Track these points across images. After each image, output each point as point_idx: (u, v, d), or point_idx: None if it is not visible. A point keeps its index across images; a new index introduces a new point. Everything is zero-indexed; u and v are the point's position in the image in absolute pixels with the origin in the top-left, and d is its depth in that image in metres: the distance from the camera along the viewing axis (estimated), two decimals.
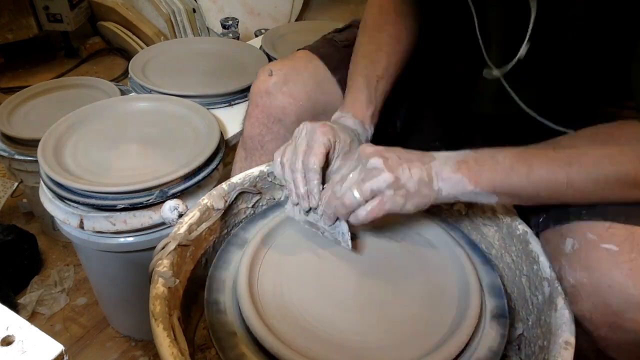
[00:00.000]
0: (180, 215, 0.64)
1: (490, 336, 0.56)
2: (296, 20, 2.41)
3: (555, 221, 0.59)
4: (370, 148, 0.57)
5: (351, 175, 0.57)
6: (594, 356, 0.57)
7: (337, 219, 0.60)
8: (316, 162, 0.59)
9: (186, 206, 0.66)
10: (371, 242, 0.66)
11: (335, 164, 0.62)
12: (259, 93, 0.78)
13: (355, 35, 0.83)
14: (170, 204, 0.65)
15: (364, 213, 0.55)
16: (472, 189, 0.55)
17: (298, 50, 0.84)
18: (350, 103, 0.69)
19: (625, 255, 0.51)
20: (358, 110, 0.68)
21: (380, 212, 0.55)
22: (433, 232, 0.66)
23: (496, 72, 0.63)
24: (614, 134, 0.54)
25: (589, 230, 0.54)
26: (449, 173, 0.55)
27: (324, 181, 0.62)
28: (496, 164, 0.55)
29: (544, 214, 0.62)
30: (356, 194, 0.55)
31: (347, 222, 0.60)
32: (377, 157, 0.55)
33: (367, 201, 0.55)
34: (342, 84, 0.77)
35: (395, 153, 0.56)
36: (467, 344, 0.54)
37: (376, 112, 0.70)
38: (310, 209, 0.63)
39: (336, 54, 0.81)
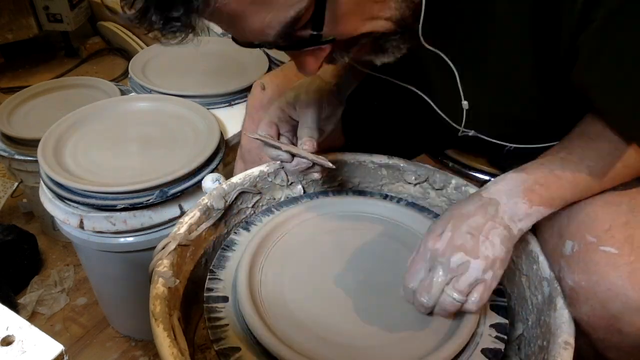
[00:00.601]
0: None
1: (491, 336, 0.56)
2: None
3: None
4: (439, 244, 0.53)
5: (436, 280, 0.52)
6: (593, 357, 0.57)
7: None
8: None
9: (225, 179, 0.69)
10: (371, 242, 0.66)
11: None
12: (254, 108, 0.79)
13: None
14: (212, 176, 0.68)
15: (475, 307, 0.52)
16: (546, 213, 0.55)
17: (289, 61, 0.84)
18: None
19: (625, 257, 0.50)
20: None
21: (489, 295, 0.53)
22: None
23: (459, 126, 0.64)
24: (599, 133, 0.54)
25: (588, 232, 0.53)
26: (526, 211, 0.53)
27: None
28: (559, 179, 0.54)
29: None
30: (455, 296, 0.51)
31: None
32: (457, 253, 0.51)
33: (466, 295, 0.52)
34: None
35: (462, 230, 0.52)
36: (467, 344, 0.54)
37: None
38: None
39: None
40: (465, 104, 0.60)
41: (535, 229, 0.63)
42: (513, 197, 0.54)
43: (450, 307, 0.52)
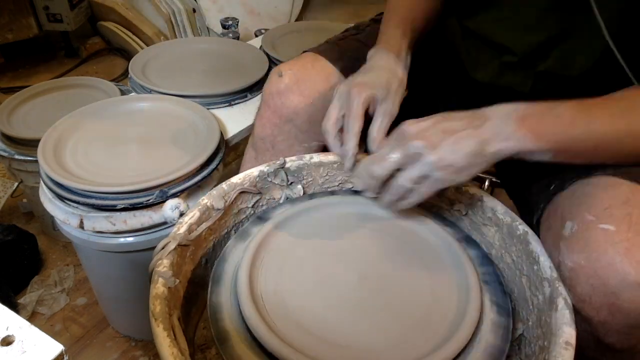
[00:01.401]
0: (182, 214, 0.64)
1: (491, 336, 0.56)
2: (296, 20, 2.41)
3: (557, 188, 0.59)
4: (411, 128, 0.55)
5: (392, 156, 0.55)
6: (592, 345, 0.57)
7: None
8: (354, 123, 0.60)
9: (187, 205, 0.66)
10: (371, 241, 0.66)
11: (379, 113, 0.62)
12: (270, 94, 0.79)
13: (350, 32, 0.87)
14: (171, 203, 0.65)
15: (418, 198, 0.55)
16: (532, 146, 0.54)
17: (302, 52, 0.85)
18: (383, 40, 0.70)
19: (622, 234, 0.50)
20: (392, 43, 0.68)
21: (433, 193, 0.55)
22: (433, 232, 0.66)
23: None
24: None
25: (588, 212, 0.53)
26: (512, 132, 0.53)
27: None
28: (557, 117, 0.53)
29: (545, 189, 0.61)
30: (405, 182, 0.54)
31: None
32: (418, 140, 0.53)
33: (415, 185, 0.55)
34: (345, 72, 0.78)
35: (439, 127, 0.54)
36: (468, 344, 0.54)
37: (410, 45, 0.70)
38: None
39: (334, 47, 0.83)
40: None
41: (541, 217, 0.63)
42: (504, 118, 0.54)
43: (395, 191, 0.55)
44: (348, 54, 0.81)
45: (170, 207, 0.65)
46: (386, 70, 0.65)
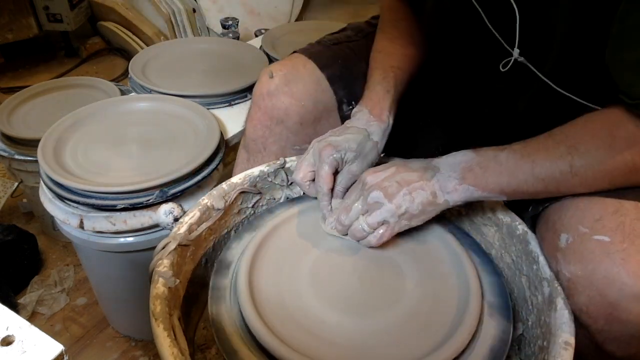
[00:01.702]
0: (176, 219, 0.64)
1: (491, 336, 0.56)
2: (296, 20, 2.41)
3: (544, 201, 0.60)
4: (371, 177, 0.62)
5: (356, 205, 0.62)
6: (593, 351, 0.57)
7: None
8: (323, 184, 0.65)
9: (182, 209, 0.66)
10: None
11: (344, 172, 0.67)
12: (261, 95, 0.79)
13: (346, 35, 0.86)
14: (165, 207, 0.65)
15: (375, 240, 0.61)
16: (479, 194, 0.59)
17: (292, 53, 0.85)
18: (367, 97, 0.72)
19: (617, 245, 0.51)
20: (375, 104, 0.70)
21: (389, 236, 0.61)
22: (433, 232, 0.66)
23: (516, 53, 0.62)
24: (609, 119, 0.54)
25: (581, 224, 0.54)
26: (455, 185, 0.59)
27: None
28: (500, 165, 0.57)
29: (532, 202, 0.62)
30: (365, 227, 0.61)
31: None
32: (377, 190, 0.59)
33: (374, 229, 0.61)
34: (332, 80, 0.79)
35: (395, 178, 0.60)
36: (468, 344, 0.54)
37: (394, 102, 0.72)
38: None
39: (325, 52, 0.83)
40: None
41: (535, 227, 0.63)
42: (450, 171, 0.59)
43: (357, 234, 0.62)
44: (338, 62, 0.81)
45: (164, 212, 0.65)
46: (362, 133, 0.68)
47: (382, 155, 0.72)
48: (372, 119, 0.69)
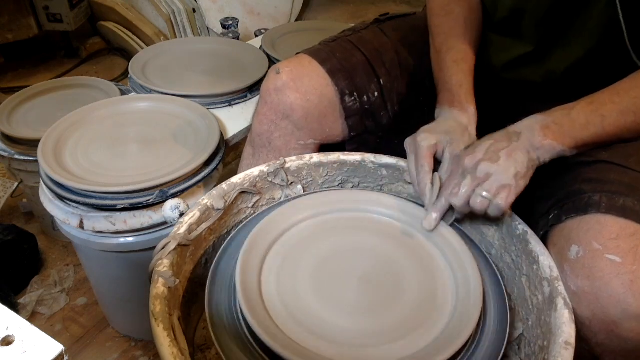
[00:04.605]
0: (182, 214, 0.64)
1: (491, 336, 0.56)
2: (296, 20, 2.41)
3: (570, 212, 0.60)
4: (469, 158, 0.62)
5: (465, 182, 0.61)
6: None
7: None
8: (424, 164, 0.65)
9: (187, 205, 0.66)
10: (372, 242, 0.66)
11: (445, 154, 0.67)
12: (268, 91, 0.80)
13: (344, 34, 0.87)
14: (171, 203, 0.65)
15: (503, 202, 0.59)
16: (561, 149, 0.62)
17: (296, 54, 0.86)
18: (442, 97, 0.74)
19: (628, 266, 0.52)
20: (452, 99, 0.72)
21: (514, 198, 0.60)
22: (433, 232, 0.66)
23: None
24: None
25: (595, 239, 0.55)
26: (541, 141, 0.61)
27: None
28: (573, 121, 0.62)
29: (556, 209, 0.63)
30: (485, 194, 0.60)
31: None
32: (483, 163, 0.60)
33: (495, 196, 0.59)
34: (332, 73, 0.80)
35: (491, 149, 0.61)
36: (468, 344, 0.54)
37: (469, 89, 0.73)
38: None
39: (324, 49, 0.84)
40: None
41: (548, 233, 0.63)
42: (532, 131, 0.62)
43: (480, 205, 0.60)
44: (337, 55, 0.82)
45: (170, 207, 0.65)
46: (450, 120, 0.70)
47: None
48: (454, 110, 0.71)
